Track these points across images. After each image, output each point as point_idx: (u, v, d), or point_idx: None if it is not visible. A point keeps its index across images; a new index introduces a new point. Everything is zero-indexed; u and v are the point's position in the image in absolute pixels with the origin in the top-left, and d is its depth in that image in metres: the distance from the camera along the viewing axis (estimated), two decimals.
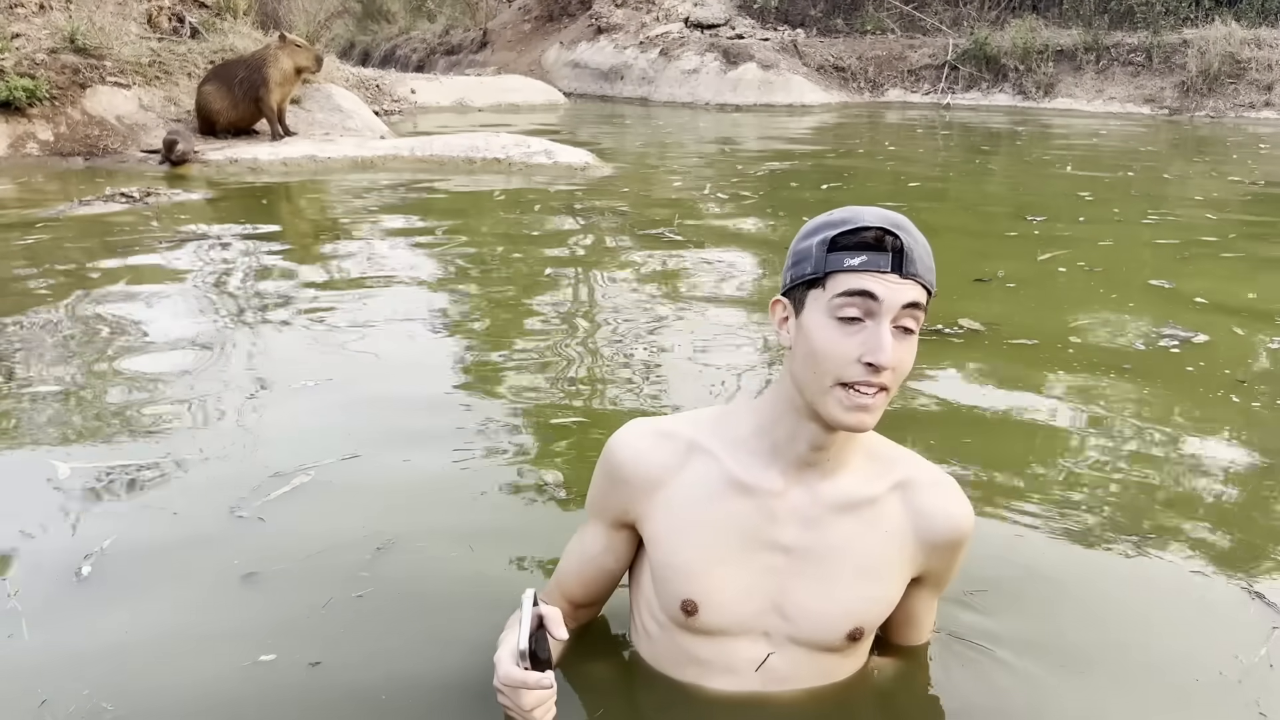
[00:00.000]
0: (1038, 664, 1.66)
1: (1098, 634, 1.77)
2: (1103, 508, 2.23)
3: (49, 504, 2.17)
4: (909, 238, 1.29)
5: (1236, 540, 2.10)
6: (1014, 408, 2.84)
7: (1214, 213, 6.14)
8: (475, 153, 7.83)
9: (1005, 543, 2.06)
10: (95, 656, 1.63)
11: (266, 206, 6.29)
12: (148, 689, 1.55)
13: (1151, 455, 2.54)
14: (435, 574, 1.87)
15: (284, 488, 2.22)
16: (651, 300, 3.96)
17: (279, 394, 2.85)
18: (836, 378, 1.29)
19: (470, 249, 4.93)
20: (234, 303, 3.84)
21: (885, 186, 7.37)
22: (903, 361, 1.30)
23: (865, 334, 1.28)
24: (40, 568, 1.91)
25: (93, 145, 7.74)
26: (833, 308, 1.29)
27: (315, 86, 9.20)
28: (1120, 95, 14.27)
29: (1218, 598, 1.90)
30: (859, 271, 1.28)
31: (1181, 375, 3.11)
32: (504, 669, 1.30)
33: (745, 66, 15.64)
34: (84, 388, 2.87)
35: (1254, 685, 1.62)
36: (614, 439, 1.49)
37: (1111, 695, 1.61)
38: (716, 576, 1.41)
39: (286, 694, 1.53)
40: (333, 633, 1.68)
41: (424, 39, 22.65)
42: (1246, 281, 4.39)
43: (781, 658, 1.45)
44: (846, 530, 1.42)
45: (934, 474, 1.48)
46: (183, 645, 1.67)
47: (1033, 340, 3.43)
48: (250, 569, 1.88)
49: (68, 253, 4.63)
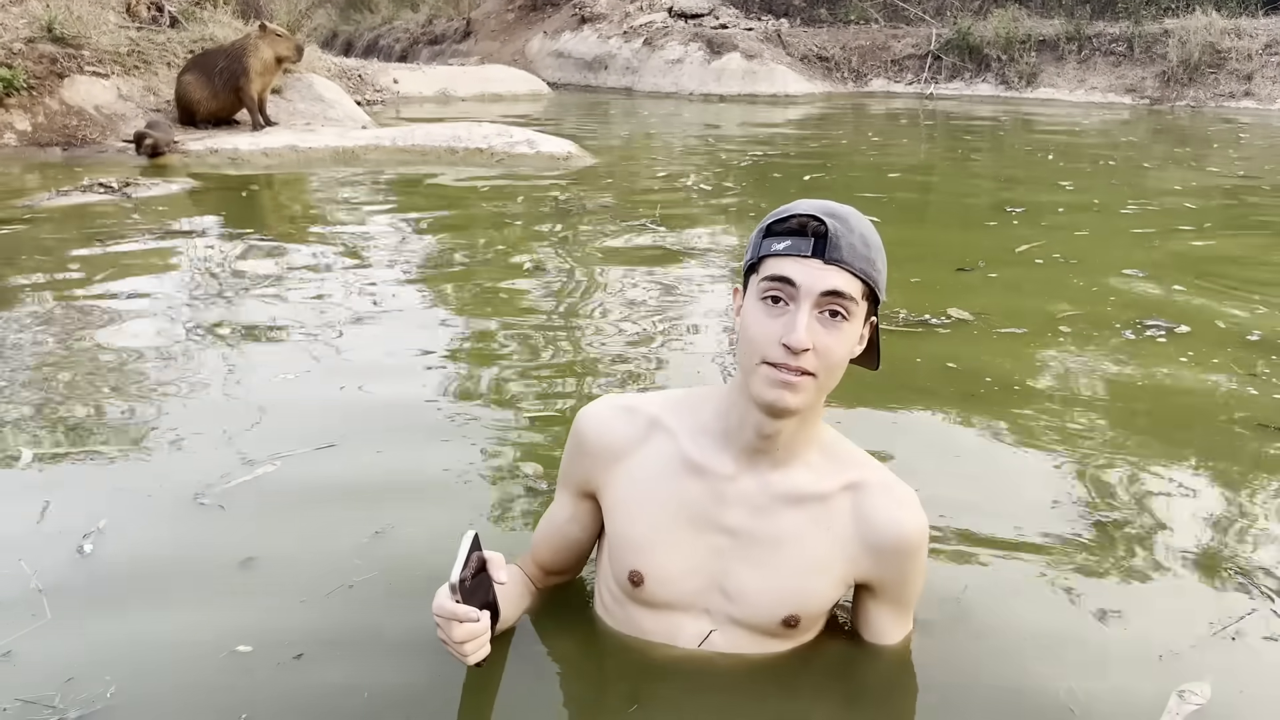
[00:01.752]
0: (1007, 635, 1.69)
1: (1068, 603, 1.81)
2: (1094, 489, 2.26)
3: (27, 489, 2.17)
4: (839, 225, 1.32)
5: (1233, 524, 2.14)
6: (1010, 398, 2.85)
7: (1192, 202, 6.19)
8: (457, 143, 7.81)
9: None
10: (109, 636, 1.67)
11: (247, 197, 6.25)
12: (157, 668, 1.58)
13: (1153, 443, 2.55)
14: (409, 566, 1.87)
15: (245, 476, 2.22)
16: (633, 290, 3.96)
17: (258, 385, 2.84)
18: (762, 357, 1.33)
19: (451, 239, 4.92)
20: (214, 294, 3.83)
21: (867, 177, 7.40)
22: (827, 347, 1.32)
23: (786, 316, 1.32)
24: (41, 551, 1.92)
25: (71, 136, 7.67)
26: (759, 290, 1.35)
27: (297, 76, 9.14)
28: (1102, 85, 14.34)
29: (1204, 575, 1.93)
30: (781, 256, 1.33)
31: (1172, 364, 3.11)
32: (438, 600, 1.35)
33: (729, 56, 15.63)
34: (58, 378, 2.85)
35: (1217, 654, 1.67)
36: (582, 411, 1.55)
37: (1069, 657, 1.64)
38: (663, 551, 1.46)
39: (266, 687, 1.53)
40: (312, 625, 1.69)
41: (407, 29, 22.51)
42: (1223, 272, 4.43)
43: (723, 636, 1.50)
44: (792, 522, 1.45)
45: (888, 480, 1.49)
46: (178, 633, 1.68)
47: (1021, 329, 3.45)
48: (233, 556, 1.89)
49: (44, 244, 4.60)
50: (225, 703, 1.48)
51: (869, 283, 1.35)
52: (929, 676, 1.57)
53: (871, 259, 1.35)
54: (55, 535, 1.97)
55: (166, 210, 5.46)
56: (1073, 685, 1.55)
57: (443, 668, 1.48)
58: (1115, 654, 1.66)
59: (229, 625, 1.67)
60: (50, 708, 1.46)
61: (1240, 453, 2.49)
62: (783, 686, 1.50)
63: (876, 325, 1.44)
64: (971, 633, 1.70)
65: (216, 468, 2.27)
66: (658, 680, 1.50)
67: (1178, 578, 1.92)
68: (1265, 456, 2.47)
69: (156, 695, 1.51)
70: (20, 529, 2.01)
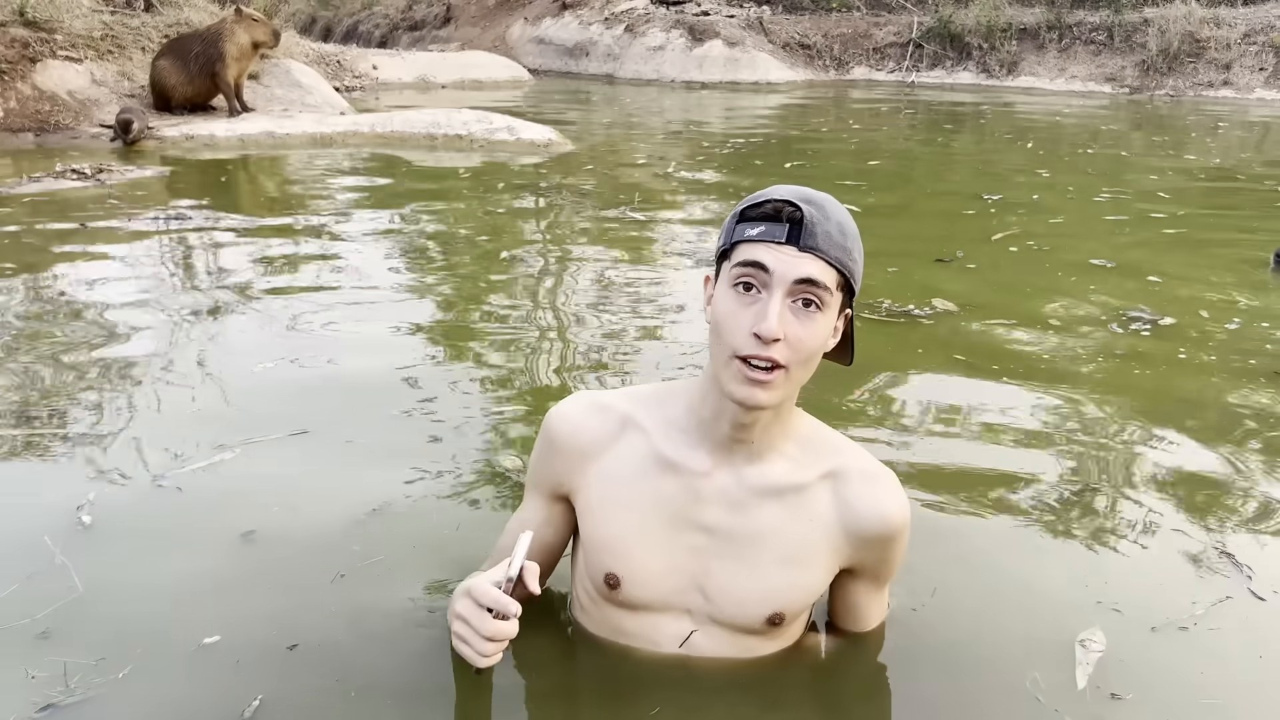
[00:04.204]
0: (995, 632, 1.69)
1: (1063, 579, 1.84)
2: (1090, 472, 2.27)
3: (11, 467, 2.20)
4: (815, 212, 1.28)
5: (1229, 507, 2.16)
6: (999, 391, 2.84)
7: (1166, 191, 6.23)
8: (436, 129, 7.76)
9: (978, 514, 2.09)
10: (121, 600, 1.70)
11: (222, 183, 6.19)
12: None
13: (1150, 432, 2.57)
14: (388, 559, 1.86)
15: (206, 460, 2.22)
16: (612, 279, 3.95)
17: (231, 370, 2.82)
18: (733, 350, 1.29)
19: (430, 227, 4.89)
20: (186, 280, 3.79)
21: (848, 164, 7.41)
22: (799, 338, 1.27)
23: (758, 305, 1.27)
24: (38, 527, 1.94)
25: (44, 121, 7.57)
26: (731, 277, 1.30)
27: (274, 62, 9.06)
28: (1082, 74, 14.40)
29: (1192, 554, 1.95)
30: (755, 242, 1.29)
31: (1164, 359, 3.10)
32: (481, 589, 1.30)
33: (711, 44, 15.60)
34: (33, 363, 2.82)
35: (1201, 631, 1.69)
36: (552, 411, 1.50)
37: (1046, 633, 1.66)
38: (639, 552, 1.42)
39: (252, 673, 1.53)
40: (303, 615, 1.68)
41: (387, 15, 22.36)
42: (1196, 260, 4.46)
43: (704, 636, 1.46)
44: (771, 515, 1.41)
45: (868, 465, 1.45)
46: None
47: (1009, 320, 3.43)
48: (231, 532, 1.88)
49: (14, 231, 4.54)
50: (233, 683, 1.49)
51: (844, 272, 1.30)
52: (910, 677, 1.56)
53: (848, 248, 1.30)
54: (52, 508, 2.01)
55: (141, 196, 5.41)
56: (1037, 676, 1.56)
57: (432, 669, 1.47)
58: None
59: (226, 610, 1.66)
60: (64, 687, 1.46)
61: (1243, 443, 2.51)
62: (765, 688, 1.48)
63: (851, 318, 1.39)
64: (955, 630, 1.69)
65: (184, 450, 2.26)
66: (638, 684, 1.46)
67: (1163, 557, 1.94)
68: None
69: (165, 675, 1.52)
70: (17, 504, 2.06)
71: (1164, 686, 1.57)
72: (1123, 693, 1.52)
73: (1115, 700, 1.51)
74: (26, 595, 1.69)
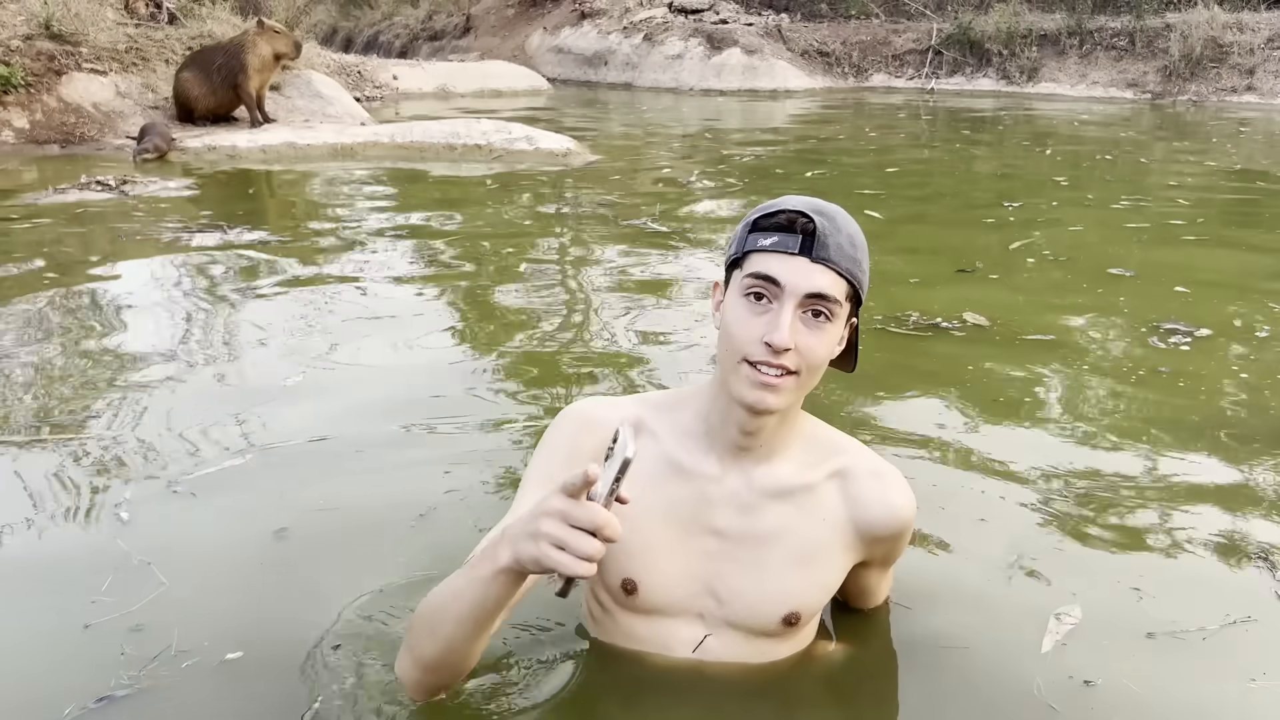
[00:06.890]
0: (1010, 633, 1.68)
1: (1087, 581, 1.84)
2: (1134, 482, 2.25)
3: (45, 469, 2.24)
4: (827, 224, 1.31)
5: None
6: (1049, 403, 2.82)
7: (1187, 198, 6.16)
8: (456, 139, 7.80)
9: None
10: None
11: (245, 195, 6.25)
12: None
13: (1198, 441, 2.54)
14: (400, 565, 1.87)
15: (222, 464, 2.25)
16: (632, 289, 3.96)
17: (252, 381, 2.85)
18: (743, 355, 1.32)
19: (449, 238, 4.91)
20: (208, 290, 3.83)
21: (868, 173, 7.38)
22: (809, 348, 1.31)
23: (769, 314, 1.31)
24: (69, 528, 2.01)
25: (69, 133, 7.68)
26: (743, 287, 1.33)
27: (295, 73, 9.14)
28: (1103, 79, 14.31)
29: (1230, 560, 1.95)
30: (768, 252, 1.32)
31: (1213, 372, 3.02)
32: (582, 510, 1.10)
33: (729, 52, 15.61)
34: (56, 371, 2.86)
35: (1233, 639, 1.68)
36: (567, 410, 1.52)
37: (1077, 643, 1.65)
38: (654, 557, 1.43)
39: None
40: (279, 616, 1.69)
41: (407, 25, 22.49)
42: (1220, 267, 4.41)
43: (718, 640, 1.47)
44: (781, 516, 1.43)
45: (874, 463, 1.49)
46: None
47: (1046, 334, 3.36)
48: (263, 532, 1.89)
49: (41, 241, 4.60)
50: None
51: (854, 283, 1.34)
52: (924, 679, 1.56)
53: (858, 259, 1.34)
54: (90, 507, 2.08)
55: (164, 207, 5.47)
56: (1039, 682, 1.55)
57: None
58: None
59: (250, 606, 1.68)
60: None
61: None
62: (779, 692, 1.48)
63: (856, 327, 1.43)
64: (972, 636, 1.68)
65: (201, 456, 2.30)
66: (652, 689, 1.46)
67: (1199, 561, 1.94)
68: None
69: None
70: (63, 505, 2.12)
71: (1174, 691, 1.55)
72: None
73: (1117, 705, 1.51)
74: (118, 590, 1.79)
